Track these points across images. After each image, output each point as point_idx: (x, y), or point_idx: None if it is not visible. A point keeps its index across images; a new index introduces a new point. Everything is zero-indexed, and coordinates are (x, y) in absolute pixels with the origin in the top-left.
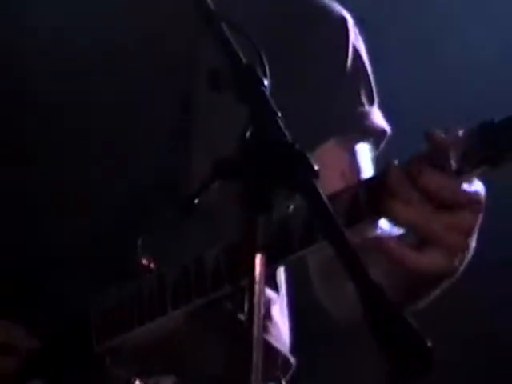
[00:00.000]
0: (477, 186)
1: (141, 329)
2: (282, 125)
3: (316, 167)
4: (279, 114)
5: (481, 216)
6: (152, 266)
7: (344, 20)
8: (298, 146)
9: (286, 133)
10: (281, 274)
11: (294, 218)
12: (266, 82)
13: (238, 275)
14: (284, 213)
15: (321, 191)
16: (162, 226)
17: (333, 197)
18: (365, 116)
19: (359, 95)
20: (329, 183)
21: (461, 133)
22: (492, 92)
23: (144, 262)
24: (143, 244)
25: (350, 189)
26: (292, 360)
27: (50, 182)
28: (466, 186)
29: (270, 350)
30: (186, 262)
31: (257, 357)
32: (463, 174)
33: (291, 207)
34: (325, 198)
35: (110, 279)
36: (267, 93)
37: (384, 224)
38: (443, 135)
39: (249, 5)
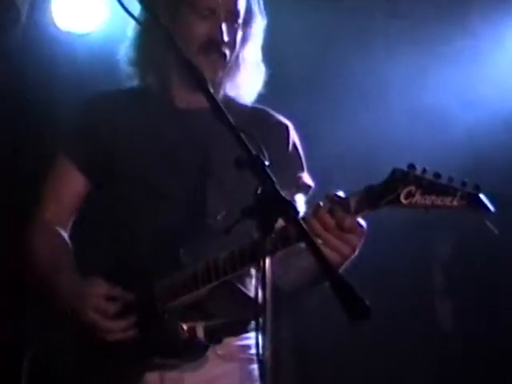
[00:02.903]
0: (361, 222)
1: (184, 297)
2: (277, 186)
3: (298, 209)
4: (275, 180)
5: (362, 238)
6: None
7: (287, 125)
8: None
9: (280, 191)
10: None
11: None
12: (266, 163)
13: (246, 264)
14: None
15: (301, 222)
16: (194, 240)
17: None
18: (300, 178)
19: (297, 167)
20: None
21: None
22: None
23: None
24: (183, 251)
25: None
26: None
27: (135, 206)
28: (355, 221)
29: (247, 297)
30: (207, 260)
31: (268, 303)
32: (357, 213)
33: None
34: (303, 224)
35: (164, 268)
36: (268, 169)
37: None
38: (337, 197)
39: (239, 116)
